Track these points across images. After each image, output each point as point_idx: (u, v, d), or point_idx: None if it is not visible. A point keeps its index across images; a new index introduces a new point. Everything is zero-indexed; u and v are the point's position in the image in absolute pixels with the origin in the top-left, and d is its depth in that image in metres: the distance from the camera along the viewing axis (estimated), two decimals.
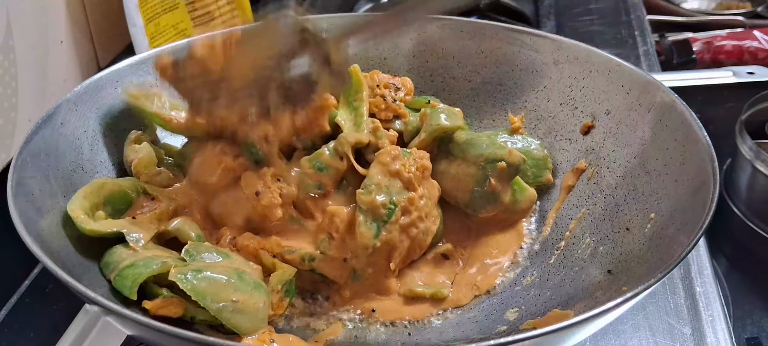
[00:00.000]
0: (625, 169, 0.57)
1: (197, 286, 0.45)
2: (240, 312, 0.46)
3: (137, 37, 0.83)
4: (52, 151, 0.53)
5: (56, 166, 0.53)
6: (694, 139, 0.51)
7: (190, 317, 0.48)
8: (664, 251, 0.47)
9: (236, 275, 0.47)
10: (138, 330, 0.42)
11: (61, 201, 0.51)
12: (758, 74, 0.90)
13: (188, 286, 0.45)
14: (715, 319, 0.58)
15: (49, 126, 0.54)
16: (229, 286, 0.46)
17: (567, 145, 0.62)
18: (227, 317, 0.45)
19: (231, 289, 0.46)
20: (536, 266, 0.57)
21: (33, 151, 0.52)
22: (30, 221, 0.46)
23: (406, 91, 0.63)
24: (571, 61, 0.63)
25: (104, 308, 0.40)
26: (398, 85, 0.63)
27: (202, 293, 0.45)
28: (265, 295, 0.48)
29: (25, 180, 0.49)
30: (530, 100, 0.65)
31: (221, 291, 0.46)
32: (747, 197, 0.78)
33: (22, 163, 0.50)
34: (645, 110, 0.57)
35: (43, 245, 0.44)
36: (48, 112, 0.55)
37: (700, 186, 0.48)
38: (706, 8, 1.27)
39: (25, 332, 0.61)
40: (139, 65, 0.63)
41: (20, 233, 0.44)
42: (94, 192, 0.52)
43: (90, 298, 0.41)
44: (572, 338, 0.42)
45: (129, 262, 0.48)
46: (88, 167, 0.56)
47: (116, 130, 0.60)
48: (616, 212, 0.55)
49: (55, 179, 0.52)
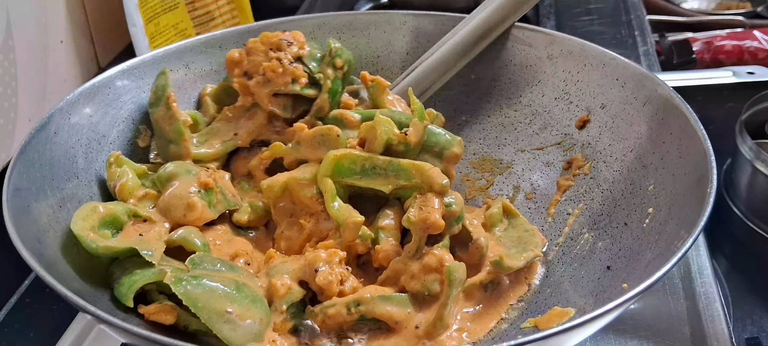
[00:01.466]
0: (621, 163, 0.57)
1: (190, 292, 0.45)
2: (231, 323, 0.45)
3: (137, 37, 0.83)
4: (46, 161, 0.53)
5: (51, 175, 0.53)
6: (691, 133, 0.51)
7: (184, 326, 0.47)
8: (663, 246, 0.47)
9: (235, 286, 0.47)
10: (131, 339, 0.42)
11: (57, 211, 0.51)
12: (758, 74, 0.90)
13: (181, 291, 0.45)
14: (715, 319, 0.57)
15: (43, 135, 0.54)
16: (225, 296, 0.46)
17: (561, 140, 0.63)
18: (218, 328, 0.45)
19: (226, 299, 0.46)
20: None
21: (27, 161, 0.51)
22: (25, 231, 0.45)
23: (298, 45, 0.61)
24: (565, 55, 0.63)
25: (97, 317, 0.40)
26: (290, 40, 0.61)
27: (194, 300, 0.45)
28: (263, 312, 0.47)
29: (19, 191, 0.49)
30: (525, 96, 0.65)
31: (215, 300, 0.45)
32: (747, 197, 0.78)
33: (18, 173, 0.49)
34: (641, 104, 0.57)
35: (38, 256, 0.44)
36: (41, 122, 0.54)
37: (698, 180, 0.48)
38: (706, 8, 1.27)
39: (25, 332, 0.61)
40: (132, 70, 0.63)
41: (15, 244, 0.43)
42: (89, 215, 0.51)
43: (83, 308, 0.41)
44: (573, 339, 0.42)
45: (130, 271, 0.48)
46: (83, 176, 0.56)
47: (110, 138, 0.59)
48: (614, 207, 0.55)
49: (51, 189, 0.52)
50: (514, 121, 0.65)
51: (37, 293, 0.65)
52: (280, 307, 0.48)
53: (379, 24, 0.70)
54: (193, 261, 0.49)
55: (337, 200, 0.53)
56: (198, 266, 0.49)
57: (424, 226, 0.51)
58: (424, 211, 0.51)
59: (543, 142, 0.63)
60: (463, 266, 0.50)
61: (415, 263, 0.51)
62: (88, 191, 0.55)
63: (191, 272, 0.47)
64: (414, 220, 0.51)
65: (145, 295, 0.48)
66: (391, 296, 0.49)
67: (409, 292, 0.50)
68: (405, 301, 0.49)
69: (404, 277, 0.51)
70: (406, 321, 0.49)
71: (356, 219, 0.52)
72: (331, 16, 0.70)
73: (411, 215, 0.51)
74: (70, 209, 0.52)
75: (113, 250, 0.49)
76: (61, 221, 0.51)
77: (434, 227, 0.51)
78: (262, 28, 0.69)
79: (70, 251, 0.49)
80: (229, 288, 0.46)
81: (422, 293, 0.50)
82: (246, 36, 0.68)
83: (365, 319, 0.49)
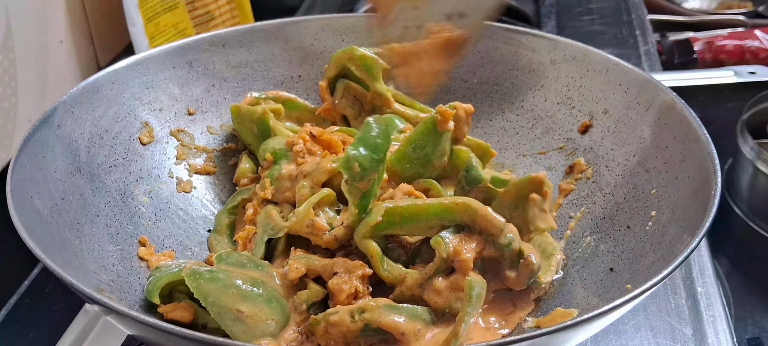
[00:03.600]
0: (624, 167, 0.57)
1: (202, 286, 0.45)
2: (241, 322, 0.45)
3: (137, 37, 0.83)
4: (49, 154, 0.53)
5: (54, 168, 0.53)
6: (693, 138, 0.51)
7: (202, 324, 0.47)
8: (666, 249, 0.47)
9: (251, 283, 0.46)
10: (137, 329, 0.42)
11: (59, 203, 0.51)
12: (759, 74, 0.90)
13: (194, 285, 0.45)
14: (717, 319, 0.58)
15: (46, 128, 0.54)
16: (238, 293, 0.45)
17: (563, 144, 0.63)
18: (228, 325, 0.45)
19: (239, 297, 0.45)
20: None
21: (30, 154, 0.51)
22: (30, 223, 0.46)
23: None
24: (568, 60, 0.63)
25: (104, 306, 0.40)
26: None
27: (205, 294, 0.45)
28: (278, 313, 0.47)
29: (23, 183, 0.49)
30: (527, 100, 0.65)
31: (227, 297, 0.45)
32: (748, 197, 0.78)
33: (20, 166, 0.50)
34: (643, 109, 0.57)
35: (44, 247, 0.44)
36: (44, 114, 0.54)
37: (701, 184, 0.48)
38: (707, 8, 1.27)
39: (25, 332, 0.61)
40: (135, 66, 0.63)
41: (21, 235, 0.44)
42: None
43: (90, 296, 0.41)
44: (576, 337, 0.42)
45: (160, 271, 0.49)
46: (86, 170, 0.56)
47: (112, 132, 0.60)
48: (616, 211, 0.55)
49: (53, 182, 0.52)
50: (517, 126, 0.65)
51: (37, 293, 0.65)
52: (300, 306, 0.48)
53: None
54: (220, 257, 0.49)
55: (386, 261, 0.50)
56: (224, 261, 0.49)
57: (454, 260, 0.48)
58: (460, 246, 0.48)
59: (545, 146, 0.63)
60: (483, 283, 0.47)
61: (443, 281, 0.48)
62: (90, 185, 0.55)
63: (211, 268, 0.47)
64: (445, 253, 0.48)
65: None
66: (399, 306, 0.47)
67: (432, 307, 0.48)
68: (416, 313, 0.47)
69: (427, 292, 0.48)
70: (414, 334, 0.46)
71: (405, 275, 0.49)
72: (334, 19, 0.70)
73: (445, 247, 0.48)
74: (71, 201, 0.52)
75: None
76: (64, 213, 0.51)
77: (462, 268, 0.48)
78: (263, 28, 0.69)
79: (72, 243, 0.49)
80: (246, 284, 0.46)
81: (443, 309, 0.48)
82: (249, 36, 0.68)
83: (370, 330, 0.46)
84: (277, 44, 0.69)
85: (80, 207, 0.53)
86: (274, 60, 0.69)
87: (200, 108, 0.66)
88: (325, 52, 0.69)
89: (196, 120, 0.65)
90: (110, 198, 0.56)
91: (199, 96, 0.66)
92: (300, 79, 0.70)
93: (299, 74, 0.70)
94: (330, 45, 0.69)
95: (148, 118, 0.62)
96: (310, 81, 0.69)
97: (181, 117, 0.65)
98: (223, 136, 0.66)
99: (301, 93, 0.69)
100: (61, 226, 0.50)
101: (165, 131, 0.63)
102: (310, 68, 0.70)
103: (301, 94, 0.69)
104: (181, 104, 0.65)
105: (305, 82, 0.70)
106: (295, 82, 0.69)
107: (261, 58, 0.69)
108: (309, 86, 0.69)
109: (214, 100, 0.67)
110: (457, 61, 0.60)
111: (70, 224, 0.51)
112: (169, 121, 0.64)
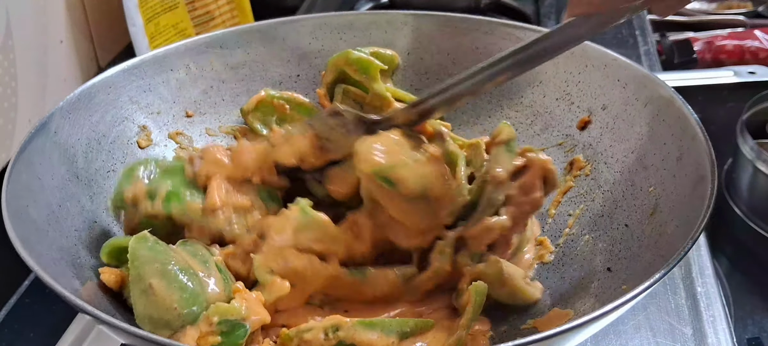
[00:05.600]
0: (622, 164, 0.57)
1: (138, 249, 0.45)
2: (146, 295, 0.44)
3: (137, 37, 0.83)
4: (46, 161, 0.53)
5: (51, 176, 0.53)
6: (691, 134, 0.51)
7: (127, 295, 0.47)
8: (664, 248, 0.47)
9: (181, 268, 0.45)
10: (130, 339, 0.41)
11: (56, 211, 0.51)
12: (759, 74, 0.90)
13: (133, 245, 0.45)
14: (717, 319, 0.57)
15: (43, 135, 0.54)
16: (161, 270, 0.44)
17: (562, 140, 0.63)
18: (135, 294, 0.44)
19: (159, 273, 0.44)
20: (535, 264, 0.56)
21: (27, 162, 0.51)
22: (24, 231, 0.45)
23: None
24: (566, 56, 0.63)
25: (96, 317, 0.40)
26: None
27: (135, 256, 0.45)
28: (186, 306, 0.44)
29: (18, 192, 0.49)
30: (526, 96, 0.65)
31: (149, 266, 0.44)
32: (748, 197, 0.78)
33: (16, 175, 0.49)
34: (641, 105, 0.57)
35: (37, 256, 0.44)
36: (41, 121, 0.54)
37: (699, 181, 0.48)
38: (707, 8, 1.27)
39: (25, 332, 0.61)
40: (132, 70, 0.63)
41: (16, 246, 0.43)
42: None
43: (82, 308, 0.41)
44: (573, 340, 0.42)
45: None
46: (83, 176, 0.56)
47: (110, 137, 0.59)
48: (614, 208, 0.55)
49: (50, 190, 0.52)
50: (516, 122, 0.65)
51: (37, 293, 0.65)
52: (211, 318, 0.44)
53: (380, 24, 0.70)
54: (184, 242, 0.51)
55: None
56: (183, 246, 0.50)
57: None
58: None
59: (544, 143, 0.63)
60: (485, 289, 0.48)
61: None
62: (87, 190, 0.55)
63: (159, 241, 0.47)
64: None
65: None
66: (373, 322, 0.46)
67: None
68: (390, 328, 0.46)
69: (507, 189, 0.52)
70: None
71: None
72: (332, 16, 0.70)
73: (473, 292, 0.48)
74: (69, 209, 0.52)
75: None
76: (61, 220, 0.51)
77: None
78: (259, 28, 0.69)
79: (70, 252, 0.49)
80: (176, 267, 0.45)
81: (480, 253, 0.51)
82: (246, 36, 0.68)
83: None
84: (274, 44, 0.69)
85: (77, 214, 0.53)
86: (272, 60, 0.69)
87: (198, 110, 0.66)
88: (322, 51, 0.69)
89: (194, 122, 0.65)
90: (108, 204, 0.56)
91: (197, 98, 0.66)
92: (298, 79, 0.70)
93: (297, 73, 0.70)
94: (327, 43, 0.69)
95: (146, 122, 0.62)
96: (308, 80, 0.69)
97: (180, 120, 0.65)
98: (223, 137, 0.66)
99: (300, 92, 0.69)
100: (58, 234, 0.49)
101: (163, 134, 0.63)
102: (308, 67, 0.70)
103: (299, 93, 0.69)
104: (179, 107, 0.65)
105: (303, 81, 0.69)
106: (294, 82, 0.69)
107: (259, 58, 0.69)
108: (307, 86, 0.69)
109: (213, 102, 0.67)
110: None
111: (67, 232, 0.50)
112: (167, 124, 0.64)
